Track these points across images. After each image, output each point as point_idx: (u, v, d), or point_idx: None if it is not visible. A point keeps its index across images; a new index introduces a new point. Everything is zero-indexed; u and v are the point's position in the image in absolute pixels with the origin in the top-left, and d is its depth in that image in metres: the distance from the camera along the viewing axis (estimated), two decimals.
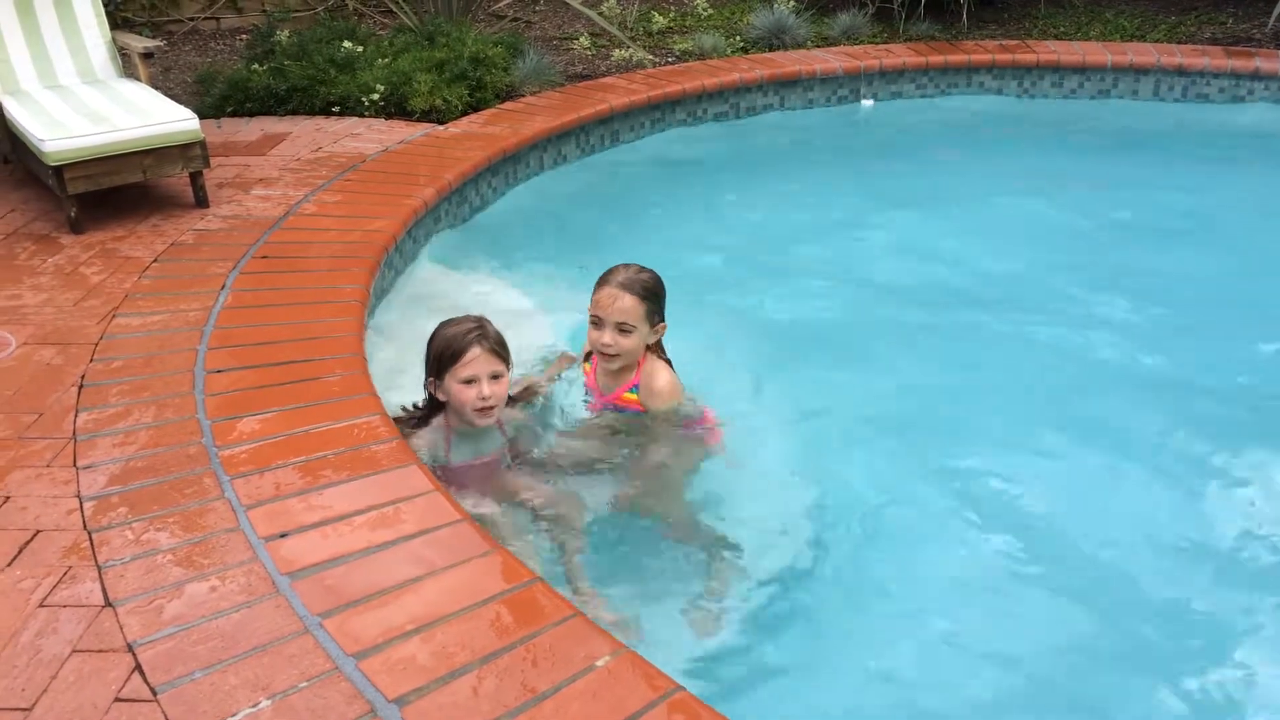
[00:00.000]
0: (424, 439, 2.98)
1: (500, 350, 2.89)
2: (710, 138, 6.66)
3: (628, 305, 3.02)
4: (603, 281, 3.09)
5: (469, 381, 2.84)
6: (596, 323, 3.08)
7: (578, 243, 4.95)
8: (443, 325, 2.94)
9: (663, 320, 3.15)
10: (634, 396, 3.19)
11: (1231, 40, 7.66)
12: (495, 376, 2.87)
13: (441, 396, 2.94)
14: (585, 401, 3.32)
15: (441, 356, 2.87)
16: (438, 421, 3.02)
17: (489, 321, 2.94)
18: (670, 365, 3.24)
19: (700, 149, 6.48)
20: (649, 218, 5.36)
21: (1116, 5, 8.61)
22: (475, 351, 2.83)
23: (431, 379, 2.94)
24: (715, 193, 5.77)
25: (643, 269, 3.11)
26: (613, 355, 3.09)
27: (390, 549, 2.43)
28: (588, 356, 3.35)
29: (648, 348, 3.18)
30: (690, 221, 5.30)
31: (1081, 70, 7.25)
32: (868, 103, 7.16)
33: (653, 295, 3.08)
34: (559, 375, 3.48)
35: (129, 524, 2.54)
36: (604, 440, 3.20)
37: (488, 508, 2.89)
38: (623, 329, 3.04)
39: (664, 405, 3.16)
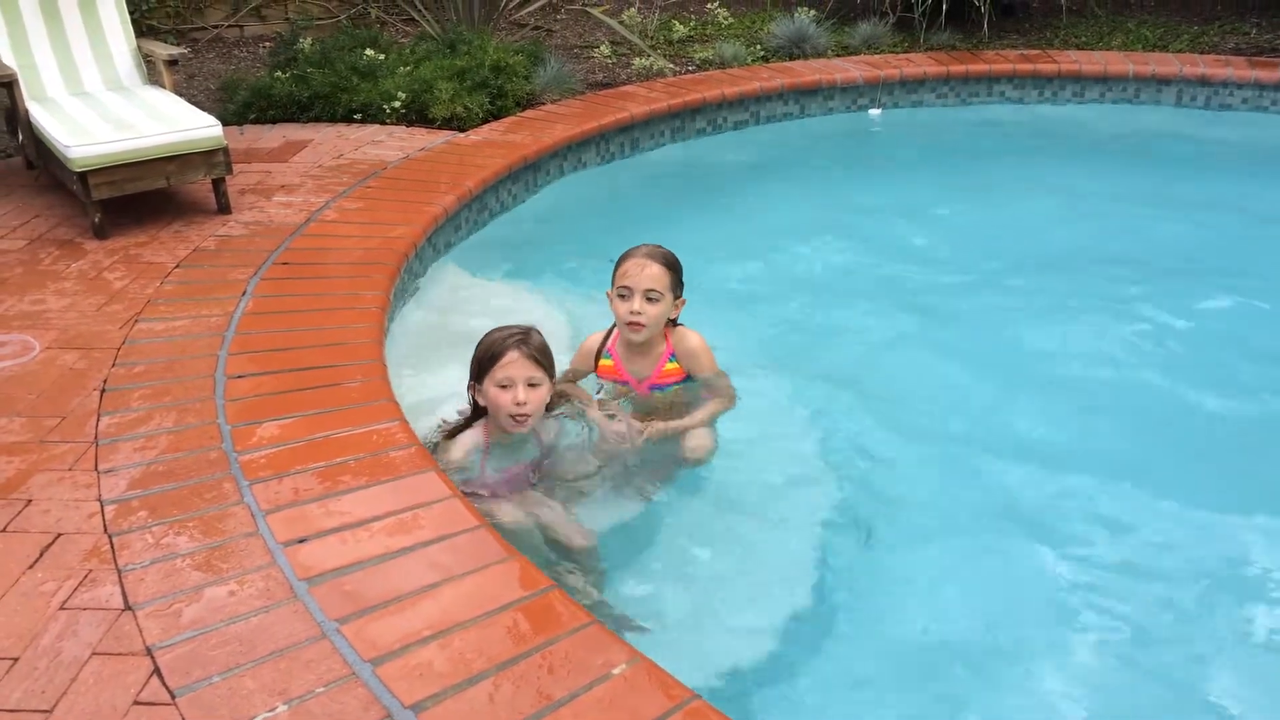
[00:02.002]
0: (461, 447, 2.98)
1: (541, 359, 2.90)
2: (730, 146, 6.66)
3: (655, 272, 3.13)
4: (626, 256, 3.19)
5: (505, 386, 2.85)
6: (625, 294, 3.16)
7: (597, 250, 4.95)
8: (490, 331, 2.97)
9: (683, 295, 3.26)
10: (675, 366, 3.29)
11: (1255, 51, 7.60)
12: (533, 384, 2.88)
13: (482, 401, 2.96)
14: (619, 397, 3.33)
15: (482, 359, 2.90)
16: (477, 429, 3.03)
17: (537, 331, 2.96)
18: None
19: (720, 157, 6.49)
20: (668, 225, 5.33)
21: (1138, 15, 8.56)
22: (513, 355, 2.85)
23: (473, 383, 2.97)
24: (735, 201, 5.76)
25: (660, 245, 3.23)
26: (640, 326, 3.16)
27: (408, 555, 2.44)
28: (597, 356, 3.36)
29: (667, 324, 3.27)
30: (710, 229, 5.29)
31: (1103, 80, 7.22)
32: (875, 111, 7.16)
33: (675, 267, 3.20)
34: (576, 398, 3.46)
35: (149, 528, 2.56)
36: (666, 416, 3.26)
37: (509, 516, 2.87)
38: (650, 296, 3.13)
39: (708, 361, 3.28)
